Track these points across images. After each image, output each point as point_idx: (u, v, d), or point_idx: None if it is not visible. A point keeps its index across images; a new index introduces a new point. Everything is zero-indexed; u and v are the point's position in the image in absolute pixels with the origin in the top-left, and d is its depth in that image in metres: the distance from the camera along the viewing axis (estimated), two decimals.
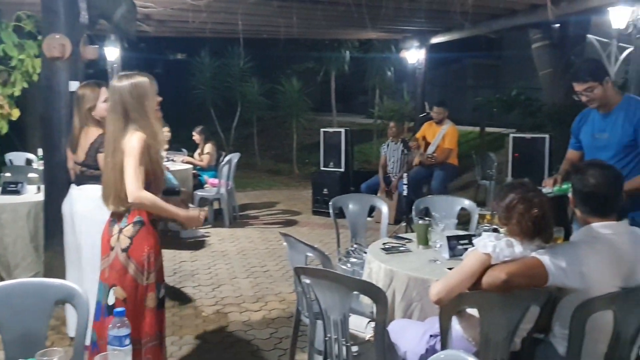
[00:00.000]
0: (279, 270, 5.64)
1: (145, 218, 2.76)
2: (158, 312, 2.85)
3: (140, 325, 2.75)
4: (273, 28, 7.79)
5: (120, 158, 2.67)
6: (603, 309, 2.24)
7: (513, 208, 2.31)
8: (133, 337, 2.78)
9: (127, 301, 2.70)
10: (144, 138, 2.68)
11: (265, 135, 15.35)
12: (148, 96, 2.76)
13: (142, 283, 2.75)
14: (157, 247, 2.83)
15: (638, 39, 5.18)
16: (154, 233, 2.82)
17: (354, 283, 2.55)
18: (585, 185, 2.32)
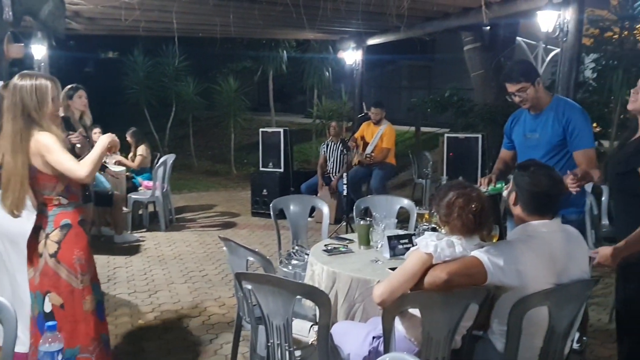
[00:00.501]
0: (218, 274, 5.54)
1: (72, 221, 2.71)
2: (98, 314, 2.77)
3: (82, 331, 2.67)
4: (209, 27, 7.64)
5: (22, 160, 2.62)
6: (539, 305, 2.30)
7: (453, 204, 2.35)
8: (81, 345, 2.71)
9: (65, 307, 2.62)
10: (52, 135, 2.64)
11: (201, 135, 15.11)
12: (48, 100, 2.70)
13: (78, 287, 2.69)
14: (87, 249, 2.79)
15: (565, 41, 5.38)
16: (83, 235, 2.77)
17: (296, 287, 2.52)
18: (536, 185, 2.37)
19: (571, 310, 2.42)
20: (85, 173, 2.65)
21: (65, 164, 2.64)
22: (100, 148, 2.76)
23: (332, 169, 7.73)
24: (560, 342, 2.43)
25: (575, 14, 5.30)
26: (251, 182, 8.61)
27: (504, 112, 8.61)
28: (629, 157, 2.67)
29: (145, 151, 7.74)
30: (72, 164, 2.65)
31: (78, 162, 2.66)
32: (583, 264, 2.44)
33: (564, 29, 5.37)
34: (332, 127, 8.02)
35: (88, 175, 2.66)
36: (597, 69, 8.43)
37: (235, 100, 13.22)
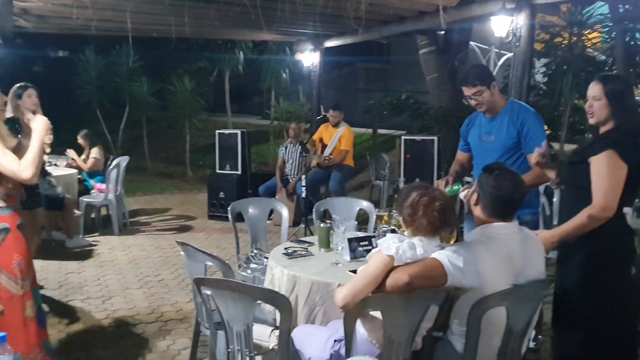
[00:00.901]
0: (174, 279, 5.43)
1: (10, 224, 2.61)
2: (39, 320, 2.68)
3: (23, 338, 2.58)
4: (164, 27, 7.51)
5: None
6: (497, 305, 2.34)
7: (417, 203, 2.38)
8: (22, 353, 2.61)
9: (5, 313, 2.52)
10: None
11: (155, 137, 14.85)
12: None
13: (18, 292, 2.60)
14: (27, 253, 2.69)
15: (517, 46, 5.52)
16: (22, 239, 2.67)
17: (257, 292, 2.49)
18: (499, 189, 2.40)
19: (528, 310, 2.47)
20: (29, 174, 2.53)
21: (8, 167, 2.51)
22: (37, 142, 2.61)
23: (291, 171, 7.71)
24: (517, 341, 2.47)
25: (527, 20, 5.45)
26: (208, 184, 8.50)
27: (458, 115, 8.79)
28: (584, 148, 2.78)
29: (99, 153, 7.55)
30: (15, 166, 2.52)
31: (20, 163, 2.52)
32: (539, 264, 2.49)
33: (516, 34, 5.51)
34: (291, 129, 8.00)
35: (32, 175, 2.54)
36: (548, 73, 8.70)
37: (191, 101, 13.04)
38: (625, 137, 2.64)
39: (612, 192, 2.60)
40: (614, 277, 2.72)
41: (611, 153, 2.59)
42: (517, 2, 5.45)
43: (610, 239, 2.68)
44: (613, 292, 2.72)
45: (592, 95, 2.75)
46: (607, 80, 2.76)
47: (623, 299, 2.76)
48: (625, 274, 2.79)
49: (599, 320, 2.71)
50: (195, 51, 14.19)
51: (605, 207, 2.60)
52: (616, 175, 2.60)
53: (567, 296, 2.79)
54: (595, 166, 2.64)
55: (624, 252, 2.78)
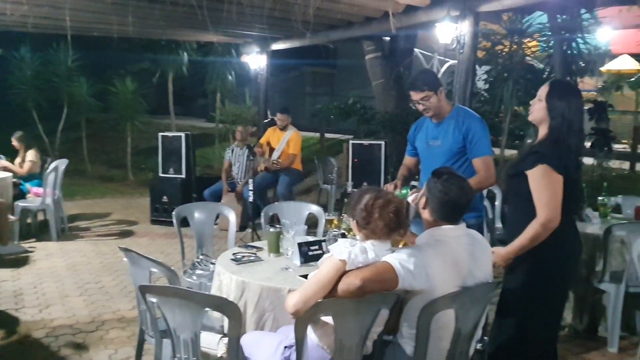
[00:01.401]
0: (116, 285, 5.26)
1: None
2: None
3: None
4: (105, 26, 7.29)
5: None
6: (446, 308, 2.36)
7: (372, 205, 2.38)
8: None
9: None
10: None
11: (95, 139, 14.38)
12: None
13: None
14: None
15: (461, 53, 5.64)
16: None
17: (205, 299, 2.43)
18: (446, 194, 2.43)
19: (476, 313, 2.50)
20: None
21: None
22: None
23: (238, 175, 7.61)
24: (466, 343, 2.51)
25: (471, 27, 5.58)
26: (150, 188, 8.29)
27: (403, 120, 8.93)
28: (519, 161, 2.85)
29: (35, 156, 7.25)
30: None
31: None
32: (487, 267, 2.53)
33: (460, 41, 5.62)
34: (238, 132, 7.90)
35: None
36: (489, 80, 8.94)
37: (133, 103, 12.69)
38: (555, 147, 2.72)
39: (553, 204, 2.67)
40: (556, 283, 2.81)
41: (544, 167, 2.67)
42: (461, 9, 5.57)
43: (557, 247, 2.74)
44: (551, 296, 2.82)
45: (538, 95, 2.85)
46: (556, 86, 2.86)
47: (557, 303, 2.89)
48: (564, 281, 2.87)
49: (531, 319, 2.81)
50: (137, 51, 13.83)
51: (549, 218, 2.66)
52: (553, 187, 2.67)
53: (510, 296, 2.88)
54: (532, 180, 2.72)
55: (569, 259, 2.85)
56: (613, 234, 3.92)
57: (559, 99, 2.76)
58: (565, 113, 2.74)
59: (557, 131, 2.74)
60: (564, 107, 2.74)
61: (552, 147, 2.73)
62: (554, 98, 2.77)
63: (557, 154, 2.71)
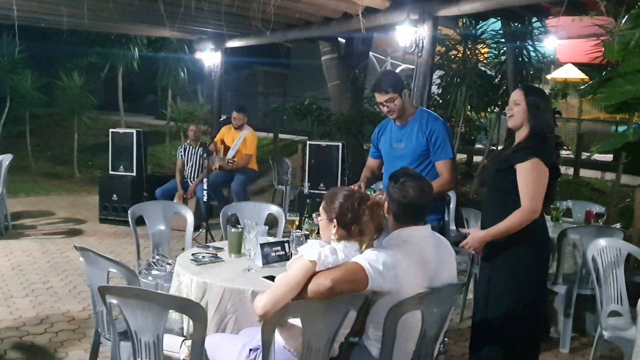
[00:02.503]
0: (64, 286, 5.06)
1: None
2: None
3: None
4: (55, 17, 7.00)
5: None
6: (413, 309, 2.36)
7: (359, 207, 2.37)
8: None
9: None
10: None
11: (40, 134, 13.84)
12: None
13: None
14: None
15: (420, 57, 5.70)
16: None
17: (169, 301, 2.35)
18: (405, 197, 2.43)
19: (441, 314, 2.51)
20: None
21: None
22: None
23: (191, 174, 7.47)
24: (431, 345, 2.52)
25: (430, 31, 5.64)
26: (99, 186, 8.03)
27: (358, 122, 8.96)
28: (509, 156, 2.95)
29: None
30: None
31: None
32: (451, 268, 2.55)
33: (419, 44, 5.68)
34: (191, 131, 7.75)
35: None
36: (442, 85, 9.07)
37: (80, 98, 12.26)
38: (542, 142, 2.88)
39: (538, 196, 2.83)
40: (534, 275, 2.94)
41: (535, 160, 2.82)
42: (420, 13, 5.62)
43: (533, 237, 2.91)
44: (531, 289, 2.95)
45: (514, 100, 2.98)
46: (529, 89, 3.04)
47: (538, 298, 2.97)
48: (543, 272, 3.05)
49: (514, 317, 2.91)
50: (86, 45, 13.37)
51: (533, 209, 2.82)
52: (541, 180, 2.83)
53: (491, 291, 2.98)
54: (521, 173, 2.85)
55: (544, 250, 3.02)
56: (567, 237, 4.03)
57: (536, 98, 2.93)
58: (544, 111, 2.90)
59: (539, 130, 2.89)
60: (541, 107, 2.91)
61: (540, 142, 2.88)
62: (531, 99, 2.93)
63: (545, 150, 2.87)
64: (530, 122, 2.92)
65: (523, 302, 2.92)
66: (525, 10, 5.99)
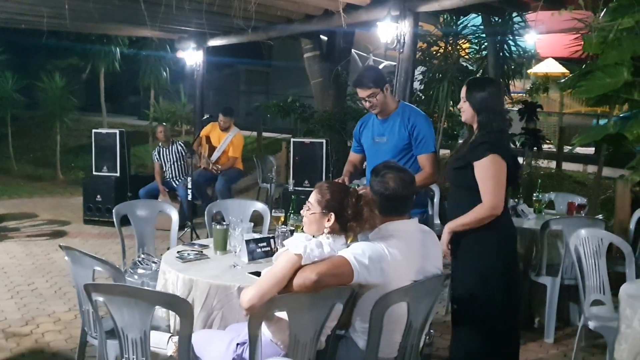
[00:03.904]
0: (50, 287, 5.02)
1: None
2: None
3: None
4: (35, 18, 6.94)
5: None
6: (399, 301, 2.39)
7: (356, 202, 2.40)
8: None
9: None
10: None
11: (22, 136, 13.67)
12: None
13: None
14: None
15: (401, 53, 5.73)
16: None
17: (156, 297, 2.35)
18: (386, 189, 2.46)
19: (426, 305, 2.54)
20: None
21: None
22: None
23: (171, 174, 7.43)
24: (417, 336, 2.55)
25: (411, 27, 5.67)
26: (83, 187, 7.98)
27: (341, 119, 8.99)
28: (466, 153, 2.96)
29: None
30: None
31: None
32: (437, 260, 2.58)
33: (401, 40, 5.71)
34: (160, 132, 7.65)
35: None
36: (424, 81, 9.12)
37: (62, 99, 12.15)
38: (498, 136, 2.88)
39: (498, 192, 2.82)
40: (504, 267, 2.95)
41: (493, 156, 2.81)
42: (401, 9, 5.65)
43: (498, 232, 2.91)
44: (502, 282, 2.94)
45: (462, 96, 3.02)
46: (471, 83, 3.03)
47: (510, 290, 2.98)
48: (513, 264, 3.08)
49: (491, 311, 2.91)
50: (66, 45, 13.26)
51: (494, 206, 2.81)
52: (499, 175, 2.83)
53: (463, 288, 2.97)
54: (479, 170, 2.84)
55: (509, 244, 3.01)
56: (550, 228, 4.08)
57: (478, 92, 2.93)
58: (489, 103, 2.90)
59: (487, 123, 2.89)
60: (485, 99, 2.91)
61: (497, 136, 2.88)
62: (473, 93, 2.94)
63: (502, 143, 2.88)
64: (477, 117, 2.92)
65: (494, 297, 2.90)
66: (504, 4, 6.04)
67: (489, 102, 2.91)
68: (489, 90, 2.94)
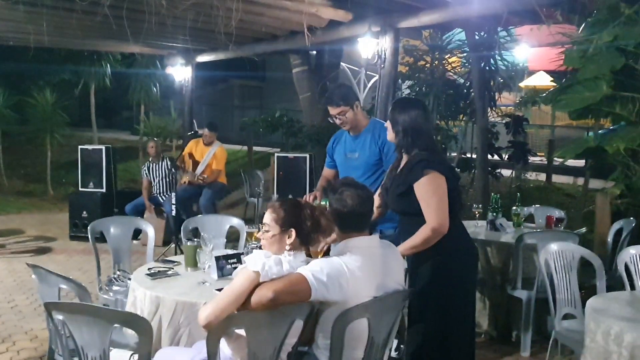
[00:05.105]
0: (29, 304, 5.02)
1: None
2: None
3: None
4: (22, 35, 6.98)
5: None
6: (359, 317, 2.38)
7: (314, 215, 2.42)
8: None
9: None
10: None
11: (12, 152, 13.70)
12: None
13: None
14: None
15: (383, 68, 5.78)
16: None
17: (114, 315, 2.35)
18: (344, 206, 2.46)
19: (389, 321, 2.54)
20: None
21: None
22: None
23: (159, 189, 7.45)
24: (379, 352, 2.54)
25: (391, 43, 5.72)
26: (69, 203, 8.00)
27: (329, 133, 8.97)
28: (405, 177, 2.91)
29: None
30: None
31: None
32: (399, 276, 2.59)
33: (382, 56, 5.76)
34: (151, 148, 7.70)
35: None
36: (412, 95, 9.18)
37: (53, 115, 12.19)
38: (432, 154, 2.88)
39: (441, 209, 2.78)
40: (459, 282, 2.92)
41: (432, 174, 2.79)
42: (382, 25, 5.71)
43: (453, 248, 2.87)
44: (458, 297, 2.93)
45: None
46: (395, 103, 3.08)
47: (466, 302, 2.98)
48: (469, 279, 3.02)
49: (445, 322, 2.90)
50: (58, 62, 13.32)
51: (439, 223, 2.77)
52: (440, 192, 2.80)
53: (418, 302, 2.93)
54: (419, 190, 2.81)
55: (467, 258, 3.00)
56: (524, 242, 4.09)
57: (399, 115, 2.93)
58: (407, 125, 2.90)
59: (404, 143, 2.91)
60: (404, 121, 2.90)
61: (430, 154, 2.87)
62: (394, 115, 2.96)
63: (437, 158, 2.87)
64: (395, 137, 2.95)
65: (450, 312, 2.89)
66: (484, 20, 6.10)
67: (413, 122, 2.89)
68: (412, 111, 2.92)
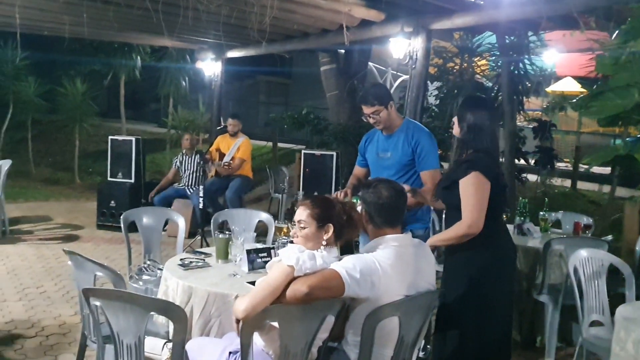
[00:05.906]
0: (58, 290, 5.12)
1: None
2: None
3: None
4: (57, 25, 7.11)
5: None
6: (390, 315, 2.41)
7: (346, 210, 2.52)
8: None
9: None
10: None
11: (42, 140, 13.97)
12: None
13: None
14: None
15: (414, 69, 5.78)
16: None
17: (150, 303, 2.40)
18: (379, 197, 2.51)
19: (419, 321, 2.56)
20: None
21: None
22: None
23: (188, 182, 7.54)
24: (409, 351, 2.56)
25: (423, 44, 5.72)
26: (98, 192, 8.10)
27: (355, 132, 9.04)
28: (451, 172, 2.99)
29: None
30: None
31: None
32: (430, 276, 2.60)
33: (413, 56, 5.76)
34: (185, 140, 7.79)
35: None
36: (440, 96, 9.16)
37: (82, 105, 12.40)
38: (485, 156, 2.89)
39: (477, 210, 2.80)
40: (494, 285, 2.91)
41: (475, 174, 2.81)
42: (414, 26, 5.71)
43: (490, 251, 2.90)
44: (491, 300, 2.91)
45: (453, 118, 3.08)
46: (465, 100, 3.13)
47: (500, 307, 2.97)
48: (504, 283, 2.99)
49: (478, 326, 2.89)
50: (89, 53, 13.52)
51: (470, 224, 2.80)
52: (480, 193, 2.82)
53: (449, 304, 2.93)
54: (462, 187, 2.85)
55: (503, 262, 2.98)
56: (552, 247, 4.07)
57: (465, 112, 2.97)
58: (471, 122, 2.93)
59: (472, 141, 2.92)
60: (469, 118, 2.94)
61: (482, 156, 2.89)
62: (461, 111, 2.99)
63: (486, 162, 2.87)
64: (460, 132, 2.96)
65: (482, 314, 2.88)
66: (516, 24, 6.07)
67: (477, 121, 2.93)
68: (478, 110, 2.96)
